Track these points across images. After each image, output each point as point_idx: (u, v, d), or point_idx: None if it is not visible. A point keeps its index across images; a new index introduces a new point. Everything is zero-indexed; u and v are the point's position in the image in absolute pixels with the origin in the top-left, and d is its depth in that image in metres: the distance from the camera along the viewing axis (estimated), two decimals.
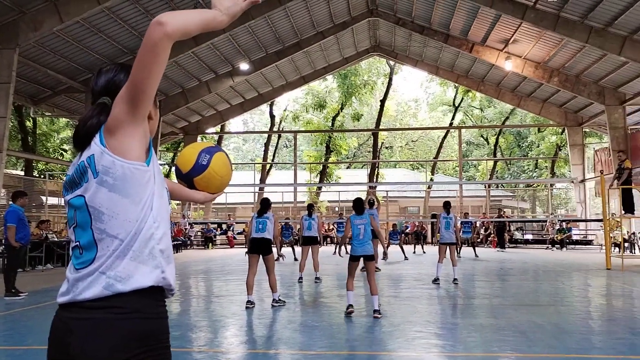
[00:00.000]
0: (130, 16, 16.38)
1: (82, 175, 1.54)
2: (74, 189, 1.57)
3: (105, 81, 1.63)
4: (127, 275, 1.49)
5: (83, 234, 1.53)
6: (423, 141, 49.16)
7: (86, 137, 1.55)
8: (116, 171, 1.49)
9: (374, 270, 6.88)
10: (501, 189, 37.18)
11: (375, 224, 7.07)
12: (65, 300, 1.53)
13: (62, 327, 1.51)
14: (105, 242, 1.50)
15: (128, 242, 1.50)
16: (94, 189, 1.50)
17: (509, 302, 8.14)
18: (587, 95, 21.66)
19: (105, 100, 1.60)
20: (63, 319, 1.52)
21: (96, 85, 1.65)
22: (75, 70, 18.29)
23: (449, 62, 25.82)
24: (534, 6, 17.52)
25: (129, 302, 1.48)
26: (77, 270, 1.53)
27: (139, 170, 1.52)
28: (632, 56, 17.14)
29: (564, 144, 30.27)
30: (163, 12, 1.42)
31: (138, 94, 1.45)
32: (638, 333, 5.78)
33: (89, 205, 1.51)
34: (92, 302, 1.48)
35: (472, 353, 5.04)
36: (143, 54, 1.40)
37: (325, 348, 5.17)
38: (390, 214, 31.53)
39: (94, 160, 1.50)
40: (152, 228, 1.54)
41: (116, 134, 1.50)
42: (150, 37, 1.38)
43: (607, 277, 11.43)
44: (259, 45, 22.17)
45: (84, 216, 1.53)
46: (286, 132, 38.60)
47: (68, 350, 1.47)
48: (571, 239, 23.40)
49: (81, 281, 1.50)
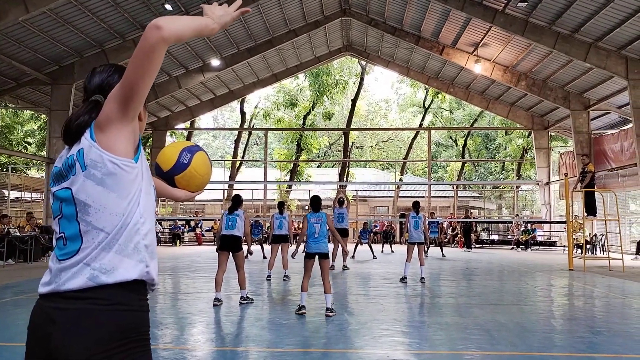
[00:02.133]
0: (98, 8, 16.04)
1: (70, 169, 1.57)
2: (60, 182, 1.60)
3: (100, 80, 1.67)
4: (111, 268, 1.52)
5: (68, 226, 1.56)
6: (393, 142, 49.56)
7: (77, 132, 1.58)
8: (104, 166, 1.53)
9: (328, 268, 6.90)
10: (469, 190, 37.74)
11: (330, 223, 7.08)
12: (48, 291, 1.55)
13: (43, 317, 1.53)
14: (90, 235, 1.53)
15: (114, 235, 1.54)
16: (81, 182, 1.54)
17: (475, 301, 8.27)
18: (553, 99, 22.17)
19: (98, 98, 1.64)
20: (45, 309, 1.54)
21: (90, 84, 1.69)
22: (41, 62, 17.82)
23: (420, 64, 26.07)
24: (504, 11, 17.83)
25: (112, 294, 1.51)
26: (61, 261, 1.55)
27: (127, 166, 1.56)
28: (597, 63, 17.59)
29: (530, 147, 30.89)
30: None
31: (131, 94, 1.50)
32: (597, 332, 5.94)
33: (76, 197, 1.55)
34: (75, 293, 1.50)
35: (438, 351, 5.11)
36: (139, 55, 1.46)
37: (292, 345, 5.17)
38: (360, 213, 31.71)
39: (82, 154, 1.54)
40: (138, 223, 1.57)
41: (106, 131, 1.54)
42: (147, 40, 1.44)
43: (569, 278, 11.71)
44: (231, 42, 22.00)
45: (69, 208, 1.56)
46: (257, 130, 38.44)
47: (49, 340, 1.48)
48: (535, 240, 23.91)
49: (64, 272, 1.53)
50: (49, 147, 18.53)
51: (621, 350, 5.11)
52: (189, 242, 26.32)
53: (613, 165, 20.75)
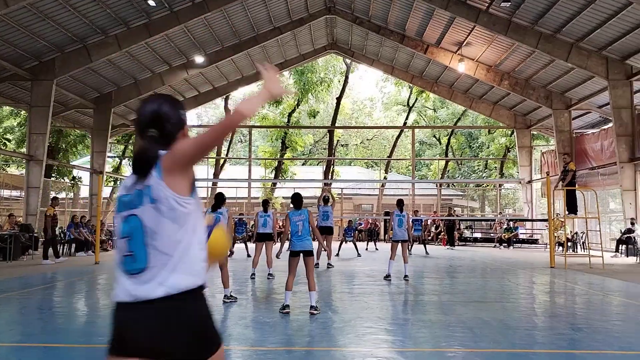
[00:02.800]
0: (79, 3, 15.84)
1: (140, 199, 1.86)
2: (130, 208, 1.89)
3: (151, 111, 1.98)
4: (177, 283, 1.84)
5: (136, 247, 1.86)
6: (378, 140, 49.70)
7: (145, 167, 1.87)
8: (168, 202, 1.84)
9: (313, 266, 6.88)
10: (452, 188, 37.98)
11: (312, 220, 7.06)
12: (125, 300, 1.84)
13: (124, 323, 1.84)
14: (156, 256, 1.85)
15: (177, 258, 1.85)
16: (149, 213, 1.85)
17: (458, 298, 8.32)
18: (536, 99, 22.40)
19: (153, 133, 1.93)
20: (122, 316, 1.85)
21: (142, 115, 1.99)
22: (21, 57, 17.54)
23: (404, 63, 26.16)
24: (487, 10, 17.97)
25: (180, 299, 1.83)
26: (132, 275, 1.86)
27: (186, 203, 1.88)
28: (578, 63, 17.82)
29: (512, 145, 31.16)
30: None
31: (202, 153, 1.87)
32: (578, 329, 6.01)
33: (144, 225, 1.85)
34: (150, 301, 1.81)
35: (421, 348, 5.13)
36: (222, 131, 1.84)
37: (276, 344, 5.15)
38: (345, 211, 31.76)
39: (151, 190, 1.85)
40: (197, 249, 1.91)
41: (172, 174, 1.86)
42: (234, 122, 1.85)
43: (550, 275, 11.84)
44: (215, 39, 21.85)
45: (138, 233, 1.86)
46: (241, 127, 38.20)
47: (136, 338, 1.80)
48: (518, 238, 24.12)
49: (138, 285, 1.83)
50: (29, 143, 18.24)
51: (601, 347, 5.17)
52: None
53: (593, 164, 21.02)
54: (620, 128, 17.53)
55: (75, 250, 16.87)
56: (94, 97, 22.82)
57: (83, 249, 16.90)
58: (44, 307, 7.43)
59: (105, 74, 21.36)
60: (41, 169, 18.04)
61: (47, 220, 14.08)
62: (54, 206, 14.77)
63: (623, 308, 7.74)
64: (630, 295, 8.83)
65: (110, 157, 29.35)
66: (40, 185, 18.02)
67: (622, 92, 17.52)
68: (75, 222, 17.19)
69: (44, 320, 6.40)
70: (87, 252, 16.70)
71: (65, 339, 5.42)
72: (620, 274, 12.00)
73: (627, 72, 17.49)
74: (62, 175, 26.52)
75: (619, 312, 7.44)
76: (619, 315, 7.23)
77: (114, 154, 33.08)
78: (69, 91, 20.96)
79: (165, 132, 1.95)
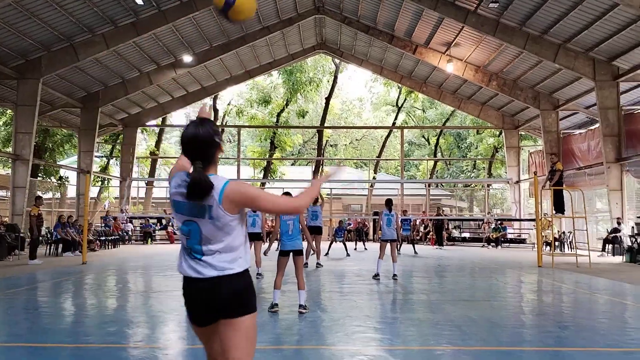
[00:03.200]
0: (66, 1, 15.72)
1: (201, 212, 2.38)
2: (190, 215, 2.41)
3: (192, 135, 2.42)
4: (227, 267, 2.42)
5: (195, 244, 2.43)
6: (367, 140, 49.77)
7: (201, 195, 2.34)
8: (224, 219, 2.38)
9: (302, 265, 6.87)
10: (441, 188, 38.10)
11: (302, 220, 7.06)
12: (191, 275, 2.42)
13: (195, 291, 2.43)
14: (207, 251, 2.41)
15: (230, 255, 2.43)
16: (207, 226, 2.39)
17: (446, 297, 8.36)
18: (524, 99, 22.55)
19: (200, 165, 2.38)
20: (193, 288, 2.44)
21: (185, 137, 2.44)
22: (7, 55, 17.35)
23: (393, 63, 26.22)
24: (476, 11, 18.06)
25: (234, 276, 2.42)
26: (194, 259, 2.43)
27: (236, 219, 2.42)
28: (565, 64, 17.96)
29: (500, 146, 31.33)
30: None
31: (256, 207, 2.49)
32: (565, 327, 6.06)
33: (202, 232, 2.40)
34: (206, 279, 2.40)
35: (410, 346, 5.14)
36: (285, 211, 2.65)
37: (265, 343, 5.14)
38: (334, 211, 31.76)
39: (211, 209, 2.36)
40: (242, 252, 2.47)
41: (233, 204, 2.38)
42: (294, 211, 2.64)
43: (538, 274, 11.92)
44: (204, 38, 21.77)
45: (196, 235, 2.41)
46: (230, 127, 38.13)
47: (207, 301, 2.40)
48: (506, 238, 24.27)
49: (198, 267, 2.41)
50: (15, 143, 18.03)
51: (587, 344, 5.22)
52: (160, 241, 25.99)
53: (580, 164, 21.21)
54: (607, 128, 17.69)
55: (62, 251, 16.72)
56: (81, 96, 22.63)
57: (70, 249, 16.75)
58: (30, 307, 7.35)
59: (93, 73, 21.19)
60: (27, 169, 17.86)
61: (32, 220, 13.92)
62: (38, 206, 14.57)
63: (609, 306, 7.82)
64: (616, 293, 8.93)
65: (97, 157, 29.10)
66: (27, 185, 17.84)
67: (609, 93, 17.68)
68: (62, 222, 17.03)
69: (31, 320, 6.33)
70: (75, 252, 16.55)
71: (52, 339, 5.37)
72: (607, 272, 12.12)
73: (613, 73, 17.66)
74: (49, 175, 26.28)
75: (605, 310, 7.51)
76: (605, 313, 7.30)
77: (101, 153, 32.81)
78: (56, 90, 20.78)
79: (208, 158, 2.43)
